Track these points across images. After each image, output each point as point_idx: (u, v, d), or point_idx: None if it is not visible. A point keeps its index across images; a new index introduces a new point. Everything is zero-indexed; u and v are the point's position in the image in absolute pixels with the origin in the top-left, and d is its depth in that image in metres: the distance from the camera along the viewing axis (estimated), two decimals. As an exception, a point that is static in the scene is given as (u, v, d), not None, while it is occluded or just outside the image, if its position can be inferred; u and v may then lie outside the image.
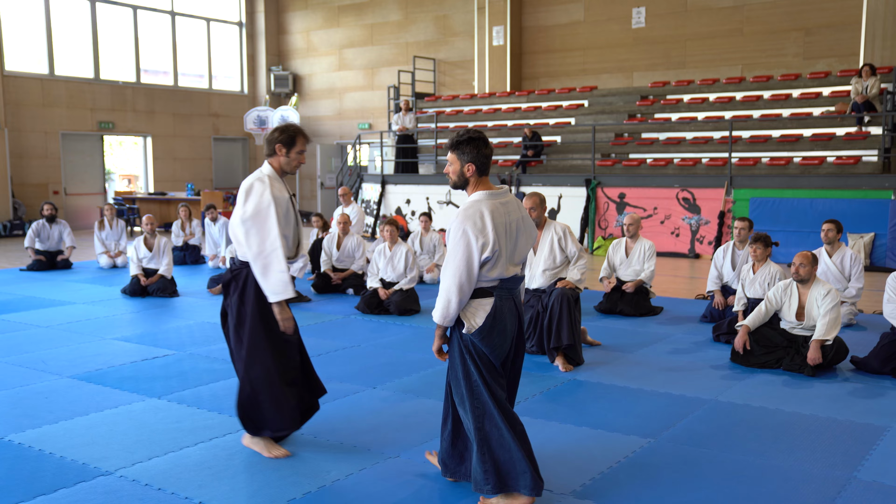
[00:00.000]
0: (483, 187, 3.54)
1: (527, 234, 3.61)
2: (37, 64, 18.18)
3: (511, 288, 3.55)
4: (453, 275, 3.40)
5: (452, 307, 3.42)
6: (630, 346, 6.68)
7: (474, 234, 3.37)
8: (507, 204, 3.53)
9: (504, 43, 18.55)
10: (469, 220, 3.41)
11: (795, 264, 5.91)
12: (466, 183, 3.55)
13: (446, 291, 3.42)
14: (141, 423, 4.69)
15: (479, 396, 3.47)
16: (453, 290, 3.40)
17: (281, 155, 4.10)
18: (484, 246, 3.38)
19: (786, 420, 4.74)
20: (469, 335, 3.46)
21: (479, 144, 3.51)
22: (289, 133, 4.11)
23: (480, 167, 3.52)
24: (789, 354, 5.87)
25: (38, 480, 3.83)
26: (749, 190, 12.59)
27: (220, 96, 21.88)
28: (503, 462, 3.43)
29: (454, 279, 3.40)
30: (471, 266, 3.39)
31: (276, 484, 3.80)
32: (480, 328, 3.45)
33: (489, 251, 3.38)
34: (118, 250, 11.88)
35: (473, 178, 3.53)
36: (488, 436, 3.44)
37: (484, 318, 3.45)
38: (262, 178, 4.05)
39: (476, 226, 3.39)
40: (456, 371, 3.54)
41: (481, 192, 3.51)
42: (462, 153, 3.51)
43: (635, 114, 15.78)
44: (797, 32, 15.49)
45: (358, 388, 5.43)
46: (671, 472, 3.95)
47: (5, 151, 17.06)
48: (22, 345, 6.72)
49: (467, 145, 3.50)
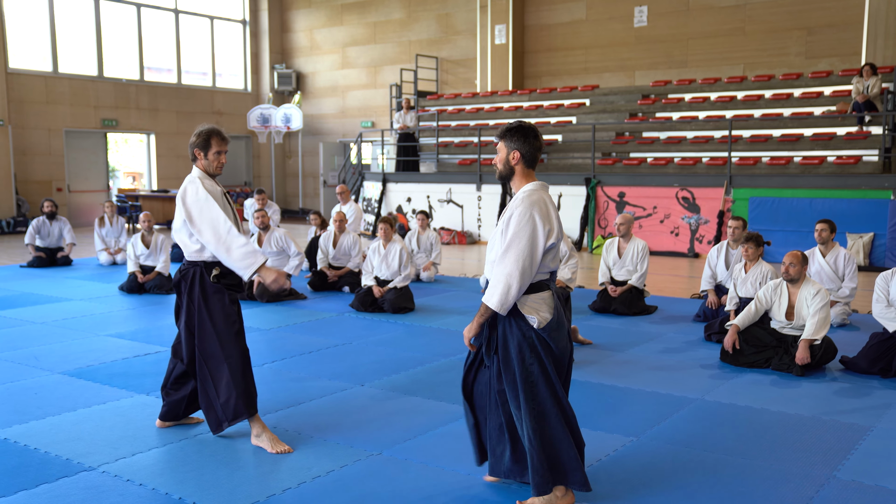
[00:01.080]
0: (530, 180, 3.46)
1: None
2: (40, 61, 18.26)
3: (554, 281, 3.50)
4: (517, 259, 3.26)
5: (513, 292, 3.27)
6: (621, 345, 6.68)
7: (541, 220, 3.30)
8: (551, 198, 3.50)
9: (506, 41, 18.54)
10: (535, 205, 3.33)
11: (785, 264, 5.91)
12: (512, 172, 3.47)
13: (507, 276, 3.26)
14: (128, 419, 4.72)
15: (538, 395, 3.36)
16: (515, 274, 3.26)
17: (200, 158, 4.27)
18: (549, 232, 3.33)
19: (770, 419, 4.74)
20: (540, 330, 3.34)
21: (527, 133, 3.43)
22: (202, 136, 4.26)
23: (528, 158, 3.44)
24: (778, 354, 5.86)
25: (20, 475, 3.86)
26: (749, 189, 12.57)
27: (224, 94, 21.94)
28: (561, 459, 3.40)
29: (517, 264, 3.26)
30: (536, 251, 3.29)
31: (256, 480, 3.82)
32: (550, 322, 3.36)
33: (554, 238, 3.34)
34: (118, 247, 11.93)
35: (520, 167, 3.45)
36: (551, 436, 3.37)
37: (549, 311, 3.37)
38: (192, 179, 4.26)
39: (542, 211, 3.33)
40: (513, 372, 3.38)
41: (537, 182, 3.45)
42: (510, 141, 3.43)
43: (636, 113, 15.76)
44: (799, 32, 15.44)
45: (346, 385, 5.45)
46: (651, 471, 3.96)
47: (9, 148, 17.15)
48: (15, 341, 6.77)
49: (516, 133, 3.43)
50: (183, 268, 4.30)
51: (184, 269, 4.29)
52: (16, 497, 3.62)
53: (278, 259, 9.03)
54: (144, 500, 3.61)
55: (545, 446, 3.37)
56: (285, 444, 4.22)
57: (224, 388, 4.19)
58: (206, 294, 4.20)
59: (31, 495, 3.64)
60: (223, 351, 4.20)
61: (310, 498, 3.63)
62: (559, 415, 3.38)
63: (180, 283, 4.29)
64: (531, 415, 3.35)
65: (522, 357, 3.35)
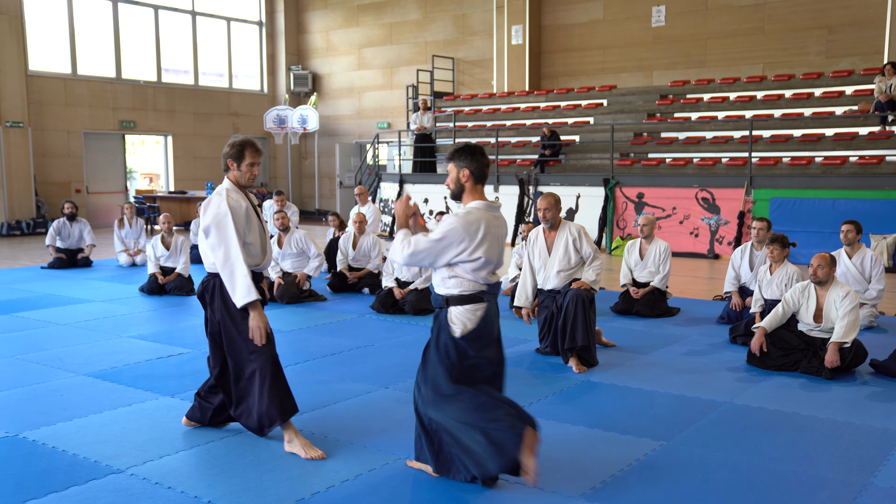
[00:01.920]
0: (478, 196, 3.73)
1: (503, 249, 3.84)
2: (60, 64, 18.38)
3: (495, 294, 3.75)
4: (426, 247, 3.58)
5: (401, 259, 3.64)
6: (645, 348, 6.62)
7: (463, 236, 3.57)
8: (498, 218, 3.75)
9: (523, 42, 18.49)
10: (464, 223, 3.59)
11: (813, 266, 5.83)
12: (463, 190, 3.72)
13: (402, 249, 3.63)
14: (153, 421, 4.72)
15: (456, 392, 3.61)
16: (405, 255, 3.62)
17: (233, 169, 4.26)
18: (463, 250, 3.58)
19: (802, 424, 4.68)
20: (459, 338, 3.62)
21: (475, 153, 3.70)
22: (236, 147, 4.25)
23: (477, 175, 3.70)
24: (807, 357, 5.79)
25: (50, 478, 3.86)
26: (769, 190, 12.46)
27: (240, 95, 22.00)
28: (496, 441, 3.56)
29: (421, 248, 3.59)
30: (441, 254, 3.60)
31: (285, 483, 3.80)
32: (472, 331, 3.62)
33: (479, 254, 3.59)
34: (137, 248, 11.97)
35: (469, 184, 3.70)
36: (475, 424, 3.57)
37: (476, 322, 3.63)
38: (219, 191, 4.23)
39: (469, 230, 3.59)
40: (433, 371, 3.68)
41: (479, 202, 3.69)
42: (459, 161, 3.69)
43: (654, 113, 15.67)
44: (820, 31, 15.30)
45: (370, 388, 5.42)
46: (683, 475, 3.90)
47: (29, 150, 17.26)
48: (39, 342, 6.79)
49: (464, 153, 3.69)
50: (205, 280, 4.29)
51: (206, 280, 4.28)
52: (46, 500, 3.61)
53: (298, 260, 9.02)
54: (174, 502, 3.60)
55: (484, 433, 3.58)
56: (318, 449, 4.18)
57: (258, 394, 4.18)
58: (228, 304, 4.16)
59: (61, 498, 3.64)
60: (253, 358, 4.18)
61: (339, 502, 3.61)
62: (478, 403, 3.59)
63: (203, 294, 4.28)
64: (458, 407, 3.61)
65: (444, 360, 3.66)
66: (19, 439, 4.38)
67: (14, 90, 16.97)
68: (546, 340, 6.26)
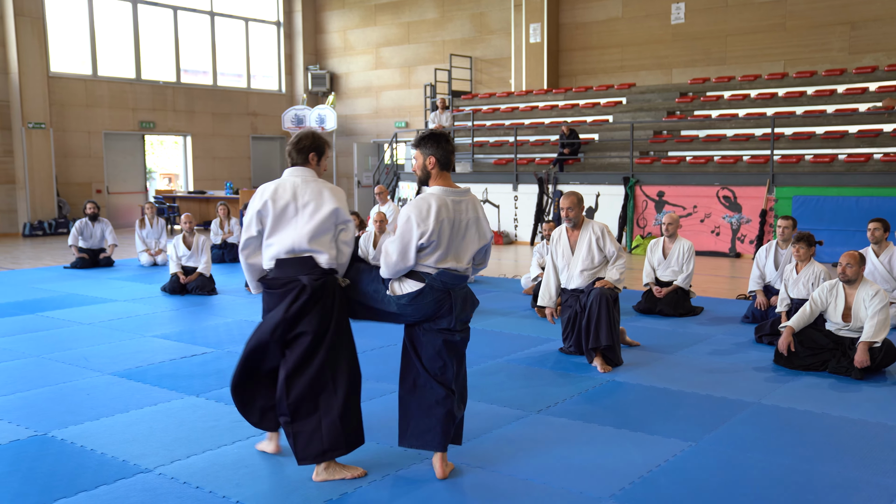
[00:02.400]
0: (442, 182, 3.82)
1: (478, 234, 3.87)
2: (80, 65, 18.52)
3: (445, 281, 3.75)
4: (394, 250, 3.71)
5: (389, 269, 3.74)
6: (670, 347, 6.57)
7: (416, 221, 3.67)
8: (460, 203, 3.80)
9: (541, 40, 18.42)
10: (415, 208, 3.71)
11: (842, 264, 5.76)
12: (429, 176, 3.84)
13: (384, 263, 3.74)
14: (180, 420, 4.73)
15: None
16: (390, 267, 3.73)
17: (313, 164, 3.97)
18: (423, 234, 3.66)
19: (833, 425, 4.61)
20: (393, 297, 3.77)
21: (440, 140, 3.82)
22: (320, 140, 4.01)
23: (443, 162, 3.82)
24: (835, 357, 5.72)
25: (80, 477, 3.87)
26: (792, 188, 12.34)
27: (259, 95, 22.08)
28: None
29: (393, 253, 3.71)
30: (407, 246, 3.68)
31: (313, 484, 3.79)
32: (401, 296, 3.75)
33: (426, 238, 3.67)
34: (158, 248, 12.03)
35: (435, 170, 3.83)
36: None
37: (407, 292, 3.74)
38: (325, 183, 3.93)
39: (420, 214, 3.68)
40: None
41: (437, 188, 3.79)
42: (425, 148, 3.82)
43: (674, 111, 15.56)
44: (843, 27, 15.13)
45: (394, 387, 5.37)
46: (714, 477, 3.86)
47: (50, 151, 17.41)
48: (65, 341, 6.83)
49: (429, 140, 3.82)
50: (318, 276, 3.77)
51: (319, 277, 3.77)
52: (76, 498, 3.63)
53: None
54: (203, 503, 3.60)
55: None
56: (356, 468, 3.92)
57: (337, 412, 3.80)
58: (343, 305, 3.87)
59: (92, 497, 3.65)
60: (352, 368, 3.88)
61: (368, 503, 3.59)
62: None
63: (318, 291, 3.76)
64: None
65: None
66: (48, 438, 4.41)
67: (36, 92, 17.12)
68: (570, 340, 6.22)
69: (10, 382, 5.54)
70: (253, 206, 3.88)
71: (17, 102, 16.87)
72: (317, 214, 3.80)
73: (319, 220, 3.79)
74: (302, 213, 3.81)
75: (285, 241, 3.80)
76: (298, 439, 3.76)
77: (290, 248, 3.79)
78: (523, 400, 5.11)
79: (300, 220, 3.80)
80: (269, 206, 3.82)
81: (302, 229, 3.78)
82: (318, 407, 3.76)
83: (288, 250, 3.80)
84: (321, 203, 3.82)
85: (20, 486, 3.75)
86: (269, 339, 3.80)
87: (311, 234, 3.78)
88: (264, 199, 3.84)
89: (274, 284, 3.84)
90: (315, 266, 3.78)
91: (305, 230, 3.78)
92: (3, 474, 3.90)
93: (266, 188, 3.90)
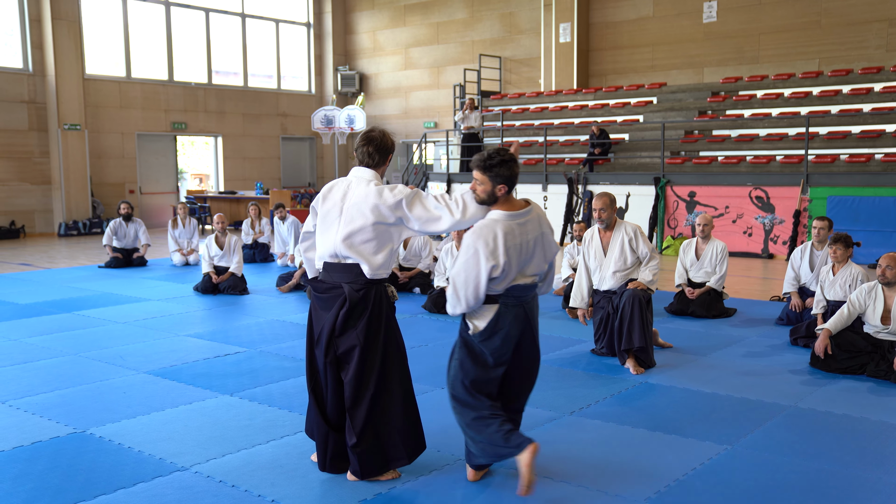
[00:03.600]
0: (506, 206, 3.62)
1: (545, 249, 3.71)
2: (115, 67, 18.78)
3: (519, 296, 3.65)
4: (462, 287, 3.58)
5: (458, 311, 3.65)
6: (703, 349, 6.51)
7: (485, 255, 3.50)
8: (524, 224, 3.61)
9: (571, 40, 18.34)
10: (482, 239, 3.52)
11: (882, 266, 5.66)
12: (496, 201, 3.63)
13: (454, 296, 3.63)
14: (214, 419, 4.77)
15: (460, 391, 3.70)
16: (461, 299, 3.60)
17: (380, 165, 3.84)
18: (493, 268, 3.51)
19: (873, 429, 4.54)
20: (472, 335, 3.66)
21: (511, 166, 3.59)
22: (391, 144, 3.87)
23: (511, 186, 3.63)
24: (874, 360, 5.62)
25: (118, 474, 3.92)
26: (826, 188, 12.16)
27: (289, 96, 22.23)
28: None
29: (462, 291, 3.58)
30: (479, 282, 3.54)
31: (347, 484, 3.80)
32: (481, 332, 3.63)
33: (498, 272, 3.52)
34: (190, 248, 12.16)
35: (503, 195, 3.62)
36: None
37: (485, 323, 3.63)
38: (371, 179, 3.76)
39: (488, 247, 3.51)
40: (451, 363, 3.79)
41: (500, 213, 3.60)
42: (496, 175, 3.56)
43: (706, 110, 15.41)
44: (880, 24, 14.87)
45: (427, 388, 5.41)
46: (751, 480, 3.81)
47: (85, 152, 17.68)
48: (101, 340, 6.93)
49: (501, 167, 3.56)
50: (360, 286, 3.66)
51: (362, 286, 3.67)
52: (115, 495, 3.68)
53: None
54: (238, 501, 3.63)
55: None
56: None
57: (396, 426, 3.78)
58: (391, 314, 3.81)
59: (130, 494, 3.70)
60: (401, 383, 3.81)
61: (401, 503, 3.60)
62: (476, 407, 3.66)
63: (362, 300, 3.67)
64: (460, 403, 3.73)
65: (461, 353, 3.73)
66: (86, 435, 4.47)
67: (72, 93, 17.40)
68: (602, 341, 6.18)
69: (50, 380, 5.63)
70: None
71: (54, 104, 17.16)
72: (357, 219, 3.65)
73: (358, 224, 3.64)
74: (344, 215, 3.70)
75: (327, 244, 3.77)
76: (363, 459, 3.70)
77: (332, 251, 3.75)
78: (556, 401, 5.09)
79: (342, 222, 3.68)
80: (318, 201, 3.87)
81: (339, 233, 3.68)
82: (377, 426, 3.72)
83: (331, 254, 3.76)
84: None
85: (61, 483, 3.81)
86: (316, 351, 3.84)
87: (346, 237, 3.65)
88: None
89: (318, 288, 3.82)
90: (360, 274, 3.67)
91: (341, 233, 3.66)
92: (45, 470, 3.97)
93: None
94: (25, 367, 6.03)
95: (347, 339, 3.67)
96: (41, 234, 17.48)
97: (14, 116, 16.94)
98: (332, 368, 3.73)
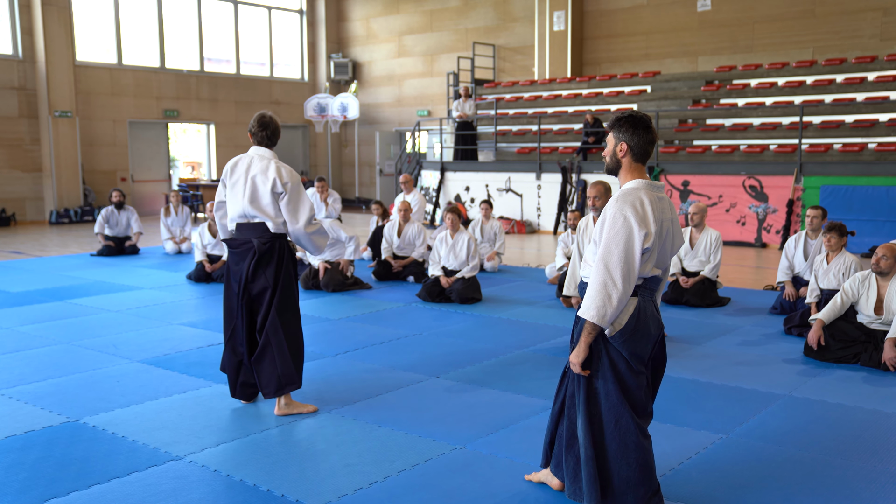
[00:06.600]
0: (639, 175, 3.19)
1: (675, 236, 3.27)
2: (106, 54, 18.63)
3: (653, 289, 3.23)
4: (616, 265, 3.01)
5: (614, 303, 3.02)
6: (697, 338, 6.52)
7: (637, 222, 3.02)
8: (662, 200, 3.18)
9: (565, 28, 18.28)
10: (630, 206, 3.05)
11: (877, 255, 5.67)
12: (619, 166, 3.21)
13: (604, 285, 3.01)
14: (208, 408, 4.76)
15: (597, 405, 3.18)
16: (618, 282, 3.00)
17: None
18: (646, 237, 3.03)
19: (866, 418, 4.55)
20: (611, 339, 3.12)
21: (637, 125, 3.16)
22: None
23: (637, 151, 3.16)
24: (867, 350, 5.64)
25: (112, 463, 3.90)
26: (820, 177, 12.17)
27: (281, 84, 22.11)
28: (613, 479, 3.17)
29: (617, 270, 3.01)
30: (633, 256, 3.02)
31: (342, 472, 3.80)
32: (622, 330, 3.11)
33: (649, 243, 3.04)
34: (183, 236, 12.11)
35: (627, 160, 3.18)
36: (606, 451, 3.17)
37: (627, 319, 3.11)
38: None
39: (638, 213, 3.04)
40: (578, 377, 3.23)
41: (639, 181, 3.17)
42: (618, 132, 3.19)
43: (700, 99, 15.39)
44: (874, 13, 14.86)
45: (421, 377, 5.41)
46: (746, 470, 3.82)
47: (76, 139, 17.56)
48: (94, 329, 6.90)
49: (625, 124, 3.17)
50: (266, 239, 4.55)
51: (267, 240, 4.55)
52: (109, 485, 3.66)
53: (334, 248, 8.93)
54: (233, 490, 3.62)
55: (598, 460, 3.17)
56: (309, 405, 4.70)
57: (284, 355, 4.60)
58: (293, 264, 4.64)
59: (124, 483, 3.68)
60: (297, 319, 4.68)
61: (398, 493, 3.59)
62: (619, 431, 3.15)
63: (268, 252, 4.54)
64: (587, 424, 3.18)
65: (589, 364, 3.19)
66: (80, 424, 4.45)
67: (63, 80, 17.25)
68: (597, 330, 6.16)
69: (42, 369, 5.60)
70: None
71: (44, 91, 17.02)
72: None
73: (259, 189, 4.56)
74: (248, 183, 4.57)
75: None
76: (262, 377, 4.56)
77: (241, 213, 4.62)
78: (550, 390, 5.07)
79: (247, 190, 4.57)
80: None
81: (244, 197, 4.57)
82: (280, 346, 4.55)
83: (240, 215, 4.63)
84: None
85: (55, 472, 3.79)
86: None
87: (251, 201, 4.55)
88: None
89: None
90: (265, 230, 4.55)
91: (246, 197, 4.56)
92: (38, 459, 3.95)
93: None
94: (17, 355, 5.99)
95: (259, 282, 4.53)
96: (32, 221, 17.38)
97: (4, 103, 16.79)
98: (246, 309, 4.59)
